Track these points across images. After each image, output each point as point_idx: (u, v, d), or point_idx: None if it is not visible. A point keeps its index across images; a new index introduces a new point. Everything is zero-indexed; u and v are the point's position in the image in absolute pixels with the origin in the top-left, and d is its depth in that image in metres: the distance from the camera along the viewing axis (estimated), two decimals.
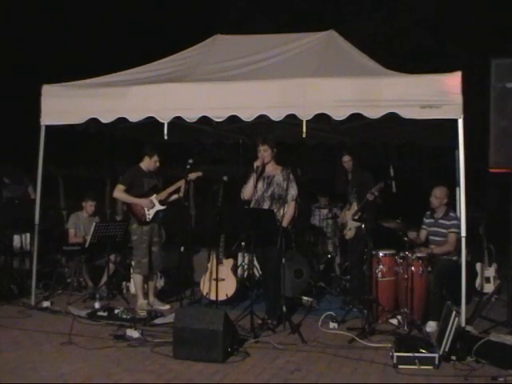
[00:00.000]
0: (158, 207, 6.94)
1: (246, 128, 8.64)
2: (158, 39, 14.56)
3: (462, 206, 5.84)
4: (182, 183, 6.91)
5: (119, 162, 12.51)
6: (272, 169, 6.32)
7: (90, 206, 8.15)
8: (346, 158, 7.42)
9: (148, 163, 6.98)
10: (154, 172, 7.04)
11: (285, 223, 6.11)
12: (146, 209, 6.86)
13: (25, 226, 7.90)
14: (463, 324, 5.57)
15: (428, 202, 6.71)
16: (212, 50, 7.28)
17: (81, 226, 8.10)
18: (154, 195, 6.95)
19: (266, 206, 6.20)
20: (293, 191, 6.21)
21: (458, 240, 6.20)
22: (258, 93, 6.13)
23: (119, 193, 6.94)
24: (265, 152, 6.25)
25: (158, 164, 7.00)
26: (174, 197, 7.06)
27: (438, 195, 6.64)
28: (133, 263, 7.13)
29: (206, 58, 7.12)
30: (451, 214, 6.58)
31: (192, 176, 6.90)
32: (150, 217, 6.89)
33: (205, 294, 6.98)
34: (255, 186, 6.28)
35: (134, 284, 7.14)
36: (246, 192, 6.33)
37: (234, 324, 5.46)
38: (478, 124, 6.21)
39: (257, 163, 6.23)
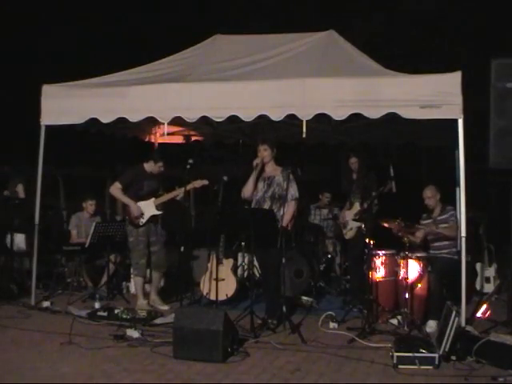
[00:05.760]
0: (154, 212, 6.92)
1: (246, 128, 8.64)
2: (158, 39, 14.55)
3: (461, 206, 5.85)
4: (181, 191, 6.88)
5: (119, 161, 12.50)
6: (272, 169, 6.33)
7: (90, 205, 8.16)
8: (353, 160, 7.42)
9: (153, 167, 6.99)
10: (157, 175, 7.04)
11: (284, 222, 6.11)
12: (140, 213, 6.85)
13: (21, 225, 7.91)
14: (463, 324, 5.57)
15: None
16: (212, 49, 7.28)
17: (82, 226, 8.10)
18: (153, 199, 6.92)
19: (266, 206, 6.21)
20: (293, 191, 6.22)
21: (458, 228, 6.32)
22: (258, 93, 6.14)
23: (115, 190, 6.93)
24: (264, 151, 6.25)
25: (162, 169, 7.02)
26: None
27: (429, 195, 6.68)
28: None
29: (206, 58, 7.12)
30: (448, 208, 6.63)
31: (197, 184, 6.89)
32: (144, 221, 6.88)
33: (205, 294, 6.98)
34: (255, 186, 6.29)
35: (135, 285, 7.14)
36: (246, 190, 6.33)
37: (234, 324, 5.45)
38: (478, 124, 6.21)
39: (256, 161, 6.24)
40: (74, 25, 15.29)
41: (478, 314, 6.29)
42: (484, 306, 6.41)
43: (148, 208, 6.90)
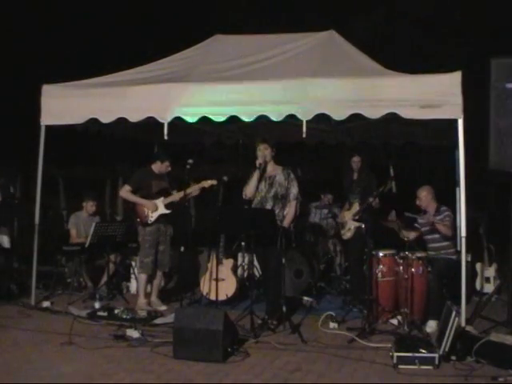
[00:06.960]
0: (163, 211, 6.93)
1: (246, 128, 8.63)
2: (159, 39, 14.55)
3: (461, 206, 5.85)
4: (194, 188, 6.88)
5: (119, 162, 12.51)
6: (272, 169, 6.33)
7: (90, 206, 8.16)
8: (356, 159, 7.41)
9: (160, 167, 7.04)
10: (165, 175, 7.07)
11: (286, 223, 6.13)
12: (149, 211, 6.86)
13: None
14: (463, 324, 5.57)
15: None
16: (212, 50, 7.28)
17: (81, 225, 8.10)
18: (161, 198, 6.94)
19: (268, 206, 6.21)
20: (294, 190, 6.24)
21: (455, 228, 6.44)
22: (258, 93, 6.14)
23: (125, 193, 6.99)
24: (265, 150, 6.26)
25: (169, 168, 7.07)
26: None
27: (421, 196, 6.65)
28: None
29: (206, 58, 7.12)
30: (442, 208, 6.58)
31: (206, 184, 6.90)
32: (153, 219, 6.88)
33: (205, 294, 6.98)
34: (257, 186, 6.29)
35: (138, 282, 7.14)
36: (249, 190, 6.33)
37: (234, 324, 5.46)
38: (478, 124, 6.21)
39: (259, 161, 6.25)
40: (74, 25, 15.29)
41: None
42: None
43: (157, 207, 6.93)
